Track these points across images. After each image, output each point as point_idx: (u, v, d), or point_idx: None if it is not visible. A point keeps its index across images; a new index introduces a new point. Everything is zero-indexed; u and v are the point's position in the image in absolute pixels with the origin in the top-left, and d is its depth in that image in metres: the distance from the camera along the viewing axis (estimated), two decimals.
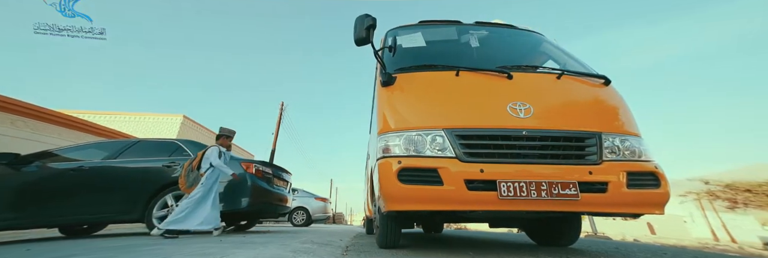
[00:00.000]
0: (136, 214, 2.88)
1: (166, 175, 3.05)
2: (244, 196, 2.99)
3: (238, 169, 3.15)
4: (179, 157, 3.23)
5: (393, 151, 1.61)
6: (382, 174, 1.57)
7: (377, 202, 1.89)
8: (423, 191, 1.45)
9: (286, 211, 3.82)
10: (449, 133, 1.59)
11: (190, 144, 3.46)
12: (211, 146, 2.85)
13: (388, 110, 1.80)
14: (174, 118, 13.50)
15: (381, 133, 1.74)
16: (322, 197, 7.35)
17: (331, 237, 3.10)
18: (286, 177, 3.93)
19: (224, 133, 3.04)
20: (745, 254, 2.90)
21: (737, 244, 7.82)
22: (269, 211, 3.38)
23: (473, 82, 1.85)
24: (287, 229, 4.80)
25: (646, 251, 2.21)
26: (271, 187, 3.34)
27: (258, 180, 3.17)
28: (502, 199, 1.39)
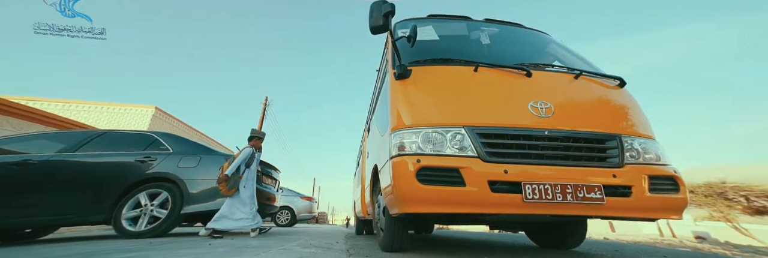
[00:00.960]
0: (102, 215, 2.61)
1: (139, 171, 2.79)
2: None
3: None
4: (156, 152, 2.96)
5: (410, 148, 1.51)
6: (397, 173, 1.47)
7: (385, 202, 1.79)
8: (444, 193, 1.37)
9: (274, 211, 3.64)
10: (470, 131, 1.51)
11: (170, 137, 3.19)
12: (245, 148, 2.90)
13: (404, 105, 1.70)
14: (145, 109, 12.64)
15: (395, 129, 1.63)
16: (308, 196, 7.15)
17: (325, 238, 2.97)
18: (274, 175, 3.73)
19: (256, 135, 3.09)
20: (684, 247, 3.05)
21: (677, 238, 8.76)
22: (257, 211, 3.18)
23: (492, 78, 1.79)
24: (273, 230, 4.59)
25: (644, 252, 2.27)
26: (260, 186, 3.14)
27: None
28: (527, 202, 1.34)
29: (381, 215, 2.10)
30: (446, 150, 1.48)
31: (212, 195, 2.77)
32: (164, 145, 3.09)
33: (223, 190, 2.64)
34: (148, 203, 2.69)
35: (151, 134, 3.23)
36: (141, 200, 2.69)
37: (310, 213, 6.94)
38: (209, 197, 2.76)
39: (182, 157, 2.95)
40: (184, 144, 3.15)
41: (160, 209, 2.69)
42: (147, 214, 2.65)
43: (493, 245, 2.61)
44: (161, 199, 2.72)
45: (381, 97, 2.27)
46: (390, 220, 1.86)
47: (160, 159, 2.89)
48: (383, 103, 2.12)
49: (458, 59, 1.87)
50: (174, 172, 2.83)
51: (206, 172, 2.86)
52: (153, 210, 2.68)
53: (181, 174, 2.82)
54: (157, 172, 2.81)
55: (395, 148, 1.57)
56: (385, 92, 2.07)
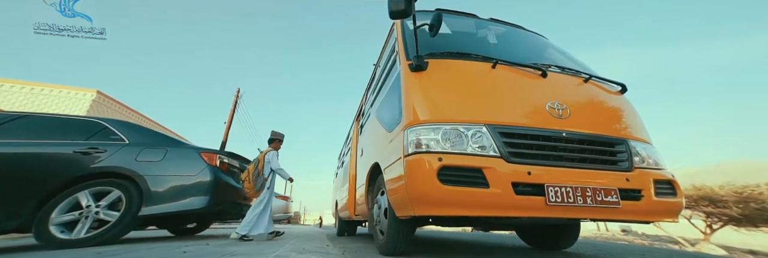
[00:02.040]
0: (17, 221, 2.11)
1: (79, 165, 2.36)
2: (203, 193, 2.47)
3: (197, 161, 2.60)
4: (105, 142, 2.52)
5: (428, 146, 1.42)
6: (414, 173, 1.37)
7: (391, 204, 1.68)
8: (466, 194, 1.29)
9: None
10: (492, 130, 1.46)
11: (126, 126, 2.76)
12: (270, 150, 2.94)
13: (421, 99, 1.60)
14: (85, 93, 11.10)
15: (411, 125, 1.52)
16: (284, 196, 6.77)
17: (312, 241, 2.78)
18: None
19: (277, 137, 3.13)
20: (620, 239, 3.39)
21: (610, 232, 10.21)
22: (232, 211, 2.88)
23: (509, 77, 1.76)
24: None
25: (626, 252, 2.41)
26: (237, 183, 2.84)
27: (223, 174, 2.67)
28: (550, 205, 1.31)
29: (381, 217, 1.97)
30: (467, 149, 1.41)
31: (181, 193, 2.43)
32: (117, 134, 2.66)
33: (250, 192, 2.72)
34: (92, 204, 2.26)
35: (98, 121, 2.76)
36: (81, 201, 2.26)
37: (285, 213, 6.58)
38: (177, 196, 2.42)
39: (143, 150, 2.55)
40: (146, 135, 2.74)
41: (109, 211, 2.29)
42: (89, 217, 2.22)
43: (489, 247, 2.62)
44: (112, 199, 2.32)
45: (386, 90, 2.14)
46: (395, 223, 1.75)
47: (112, 151, 2.47)
48: (391, 96, 2.00)
49: (476, 54, 1.82)
50: (130, 166, 2.44)
51: (174, 167, 2.51)
52: (99, 212, 2.26)
53: (141, 169, 2.44)
54: (106, 166, 2.40)
55: (411, 146, 1.46)
56: (394, 85, 1.95)
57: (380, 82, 2.45)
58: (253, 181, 2.77)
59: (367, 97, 3.47)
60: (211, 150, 2.81)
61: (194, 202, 2.44)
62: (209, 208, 2.46)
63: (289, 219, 7.22)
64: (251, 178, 2.76)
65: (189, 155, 2.63)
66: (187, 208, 2.41)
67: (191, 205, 2.43)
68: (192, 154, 2.66)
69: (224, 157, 2.81)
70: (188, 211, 2.41)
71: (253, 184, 2.76)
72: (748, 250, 6.34)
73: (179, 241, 2.49)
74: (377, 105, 2.44)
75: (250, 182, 2.76)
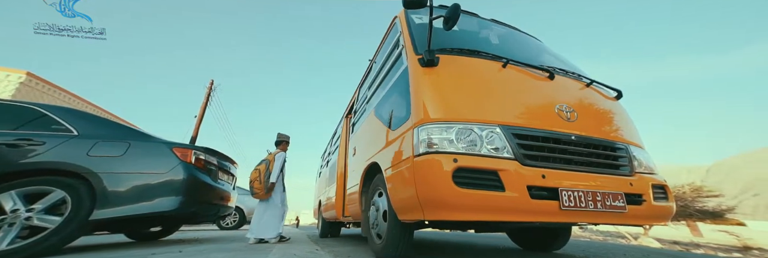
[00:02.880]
0: None
1: (5, 159, 1.96)
2: (174, 193, 2.19)
3: (168, 157, 2.30)
4: (44, 133, 2.15)
5: (441, 146, 1.34)
6: (426, 174, 1.28)
7: (394, 206, 1.58)
8: (482, 198, 1.23)
9: (228, 212, 3.04)
10: (505, 131, 1.41)
11: (75, 115, 2.38)
12: (278, 152, 2.94)
13: (432, 96, 1.51)
14: (12, 74, 9.67)
15: (421, 123, 1.43)
16: None
17: (299, 245, 2.59)
18: (232, 169, 3.13)
19: (285, 139, 3.13)
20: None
21: None
22: (208, 213, 2.60)
23: (518, 77, 1.74)
24: (220, 235, 3.88)
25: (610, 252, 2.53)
26: (214, 183, 2.56)
27: (198, 172, 2.39)
28: (564, 210, 1.30)
29: (380, 220, 1.87)
30: (482, 150, 1.35)
31: (147, 194, 2.14)
32: (62, 124, 2.28)
33: (259, 193, 2.71)
34: (22, 208, 1.88)
35: (34, 108, 2.34)
36: (5, 204, 1.87)
37: None
38: (142, 197, 2.12)
39: (97, 143, 2.20)
40: (102, 125, 2.38)
41: (47, 216, 1.92)
42: (16, 224, 1.83)
43: (480, 249, 2.62)
44: (52, 202, 1.96)
45: (388, 86, 2.03)
46: (396, 226, 1.66)
47: (53, 144, 2.11)
48: (394, 93, 1.89)
49: (486, 52, 1.77)
50: (79, 162, 2.10)
51: (139, 164, 2.20)
52: (31, 218, 1.88)
53: (95, 165, 2.10)
54: (43, 161, 2.04)
55: (422, 145, 1.37)
56: (399, 81, 1.85)
57: (380, 78, 2.33)
58: (263, 181, 2.73)
59: (360, 94, 3.33)
60: (185, 145, 2.51)
61: (163, 203, 2.15)
62: (181, 210, 2.19)
63: None
64: (262, 178, 2.73)
65: (158, 150, 2.32)
66: (154, 210, 2.12)
67: (159, 206, 2.13)
68: (162, 150, 2.35)
69: (201, 153, 2.52)
70: (155, 213, 2.12)
71: (263, 185, 2.72)
72: (672, 241, 7.38)
73: (142, 248, 2.20)
74: (376, 102, 2.32)
75: (261, 183, 2.73)
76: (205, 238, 3.49)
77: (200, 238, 3.32)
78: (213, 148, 2.88)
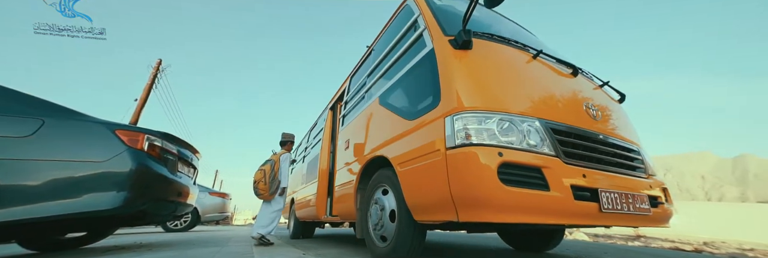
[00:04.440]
0: None
1: None
2: (116, 188, 1.73)
3: (109, 141, 1.82)
4: None
5: (481, 138, 1.18)
6: (465, 169, 1.12)
7: (409, 205, 1.39)
8: (529, 197, 1.10)
9: (186, 211, 2.55)
10: (544, 125, 1.30)
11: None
12: (283, 153, 2.88)
13: (468, 82, 1.35)
14: None
15: (455, 111, 1.26)
16: (221, 192, 5.65)
17: (278, 249, 2.22)
18: (193, 160, 2.64)
19: (289, 139, 3.07)
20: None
21: None
22: (161, 213, 2.12)
23: (547, 70, 1.67)
24: (169, 239, 3.25)
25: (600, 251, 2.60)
26: (172, 175, 2.10)
27: (152, 161, 1.92)
28: (603, 213, 1.22)
29: (385, 220, 1.65)
30: (523, 144, 1.21)
31: (72, 189, 1.65)
32: None
33: (264, 195, 2.67)
34: None
35: None
36: None
37: (222, 212, 5.48)
38: (64, 193, 1.65)
39: None
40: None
41: None
42: None
43: (472, 249, 2.52)
44: None
45: (402, 73, 1.82)
46: (409, 228, 1.47)
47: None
48: (412, 79, 1.70)
49: (516, 41, 1.66)
50: None
51: (60, 149, 1.72)
52: None
53: None
54: None
55: (459, 136, 1.20)
56: (420, 66, 1.65)
57: (387, 65, 2.10)
58: (268, 182, 2.68)
59: (352, 84, 3.06)
60: (134, 127, 2.02)
61: (99, 200, 1.68)
62: (125, 208, 1.73)
63: (225, 219, 6.07)
64: (267, 179, 2.68)
65: (93, 132, 1.82)
66: (85, 209, 1.64)
67: (93, 205, 1.66)
68: (100, 132, 1.85)
69: (156, 138, 2.05)
70: (86, 214, 1.64)
71: (268, 186, 2.67)
72: (593, 234, 8.37)
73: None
74: (381, 90, 2.09)
75: (266, 184, 2.68)
76: (151, 242, 2.91)
77: (145, 244, 2.74)
78: (172, 134, 2.39)
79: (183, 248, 2.38)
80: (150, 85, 9.14)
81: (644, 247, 3.19)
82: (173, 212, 2.27)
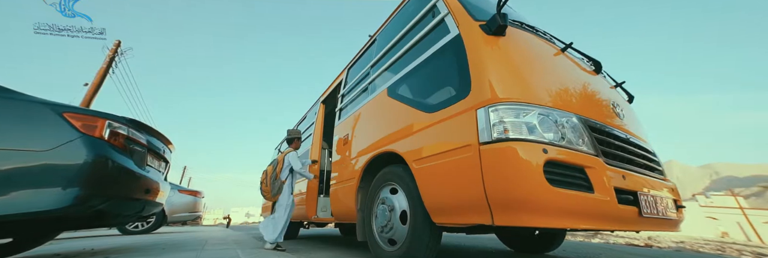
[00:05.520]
0: None
1: None
2: (65, 184, 1.40)
3: (56, 126, 1.48)
4: None
5: (520, 132, 1.04)
6: (506, 166, 0.99)
7: (432, 205, 1.23)
8: (576, 200, 0.97)
9: (154, 211, 2.20)
10: (582, 122, 1.18)
11: None
12: (289, 151, 2.67)
13: (502, 70, 1.21)
14: None
15: (489, 103, 1.12)
16: (192, 190, 5.13)
17: (263, 254, 1.95)
18: (165, 152, 2.29)
19: (297, 136, 2.87)
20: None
21: None
22: (124, 213, 1.79)
23: (572, 65, 1.57)
24: (131, 243, 2.82)
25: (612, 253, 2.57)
26: (140, 169, 1.77)
27: (114, 152, 1.60)
28: (642, 217, 1.12)
29: (395, 222, 1.48)
30: (565, 141, 1.08)
31: (19, 183, 1.29)
32: None
33: (267, 196, 2.50)
34: None
35: None
36: None
37: (193, 212, 4.97)
38: (9, 186, 1.27)
39: None
40: None
41: None
42: None
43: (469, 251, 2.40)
44: None
45: (420, 62, 1.65)
46: (425, 231, 1.34)
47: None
48: (434, 68, 1.54)
49: (545, 32, 1.55)
50: None
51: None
52: None
53: None
54: None
55: (495, 130, 1.05)
56: (442, 54, 1.50)
57: (397, 54, 1.92)
58: (270, 184, 2.47)
59: (349, 76, 2.85)
60: (90, 111, 1.67)
61: (39, 199, 1.35)
62: (76, 208, 1.40)
63: (185, 221, 5.52)
64: (269, 180, 2.49)
65: (32, 115, 1.47)
66: (18, 211, 1.31)
67: (29, 205, 1.33)
68: (41, 114, 1.50)
69: (120, 124, 1.71)
70: (20, 216, 1.30)
71: (270, 188, 2.46)
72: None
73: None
74: (389, 82, 1.90)
75: (268, 185, 2.48)
76: (105, 248, 2.49)
77: (98, 250, 2.33)
78: (141, 121, 2.04)
79: (152, 254, 2.04)
80: (105, 69, 7.75)
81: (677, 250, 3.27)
82: (139, 212, 1.92)
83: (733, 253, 3.24)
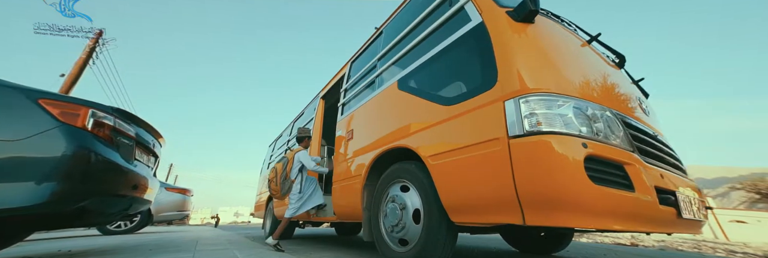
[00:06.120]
0: None
1: None
2: (41, 178, 1.25)
3: (30, 113, 1.33)
4: None
5: (554, 125, 0.95)
6: (542, 161, 0.91)
7: (451, 203, 1.13)
8: (618, 199, 0.89)
9: (142, 209, 2.04)
10: (618, 116, 1.10)
11: None
12: (300, 150, 2.58)
13: (531, 59, 1.12)
14: None
15: (519, 94, 1.03)
16: (181, 188, 4.90)
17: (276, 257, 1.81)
18: (155, 146, 2.13)
19: (307, 134, 2.78)
20: None
21: None
22: (108, 211, 1.64)
23: (597, 58, 1.49)
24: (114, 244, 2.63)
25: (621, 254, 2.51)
26: (127, 163, 1.62)
27: (98, 144, 1.45)
28: (681, 219, 1.04)
29: (407, 221, 1.39)
30: (602, 135, 1.00)
31: None
32: None
33: (276, 195, 2.47)
34: None
35: None
36: None
37: (181, 211, 4.74)
38: None
39: None
40: None
41: None
42: None
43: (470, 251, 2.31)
44: None
45: (437, 52, 1.54)
46: (441, 231, 1.26)
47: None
48: (453, 58, 1.43)
49: (571, 22, 1.46)
50: None
51: None
52: None
53: None
54: None
55: (526, 123, 0.96)
56: (462, 43, 1.40)
57: (410, 45, 1.81)
58: (280, 183, 2.42)
59: (352, 69, 2.73)
60: (71, 98, 1.51)
61: (9, 195, 1.18)
62: (54, 205, 1.26)
63: (170, 221, 5.28)
64: (279, 179, 2.44)
65: (2, 100, 1.31)
66: (14, 203, 1.14)
67: (19, 198, 1.17)
68: (15, 100, 1.36)
69: (106, 114, 1.56)
70: (17, 209, 1.14)
71: (279, 187, 2.42)
72: None
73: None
74: (401, 74, 1.79)
75: (278, 184, 2.43)
76: (84, 250, 2.30)
77: (75, 252, 2.14)
78: (129, 112, 1.88)
79: (140, 256, 1.87)
80: (85, 59, 7.14)
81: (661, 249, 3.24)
82: (126, 210, 1.76)
83: (708, 250, 3.24)
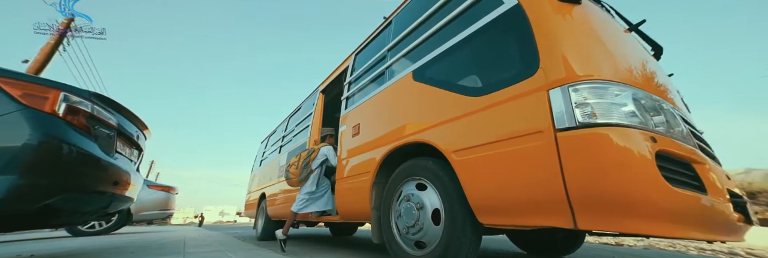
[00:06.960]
0: None
1: None
2: (5, 171, 1.03)
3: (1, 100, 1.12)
4: None
5: (611, 117, 0.81)
6: (604, 157, 0.77)
7: (480, 203, 1.00)
8: (693, 202, 0.76)
9: (123, 207, 1.83)
10: (674, 110, 0.98)
11: None
12: (326, 146, 2.54)
13: (581, 43, 0.98)
14: None
15: (567, 81, 0.89)
16: (165, 186, 4.60)
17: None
18: (140, 138, 1.91)
19: (329, 133, 2.76)
20: None
21: None
22: (85, 210, 1.44)
23: (639, 47, 1.37)
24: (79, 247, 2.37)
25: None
26: (107, 156, 1.42)
27: (71, 132, 1.25)
28: (746, 225, 0.91)
29: (425, 222, 1.27)
30: (660, 128, 0.86)
31: None
32: None
33: (294, 179, 2.42)
34: None
35: None
36: None
37: (166, 209, 4.45)
38: None
39: None
40: None
41: None
42: None
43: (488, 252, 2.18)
44: None
45: (462, 39, 1.39)
46: (466, 232, 1.13)
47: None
48: (481, 45, 1.29)
49: (612, 7, 1.34)
50: None
51: None
52: None
53: None
54: None
55: (579, 113, 0.83)
56: (493, 28, 1.25)
57: (427, 34, 1.66)
58: (301, 168, 2.39)
59: (357, 61, 2.58)
60: (36, 78, 1.31)
61: None
62: (13, 203, 1.05)
63: (150, 221, 4.96)
64: (300, 164, 2.41)
65: None
66: None
67: None
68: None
69: (81, 99, 1.35)
70: None
71: (299, 171, 2.37)
72: None
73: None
74: (417, 64, 1.64)
75: (298, 168, 2.40)
76: (53, 254, 2.04)
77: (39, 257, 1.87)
78: (110, 98, 1.66)
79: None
80: (53, 45, 6.35)
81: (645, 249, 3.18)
82: (104, 208, 1.55)
83: (682, 248, 3.23)
